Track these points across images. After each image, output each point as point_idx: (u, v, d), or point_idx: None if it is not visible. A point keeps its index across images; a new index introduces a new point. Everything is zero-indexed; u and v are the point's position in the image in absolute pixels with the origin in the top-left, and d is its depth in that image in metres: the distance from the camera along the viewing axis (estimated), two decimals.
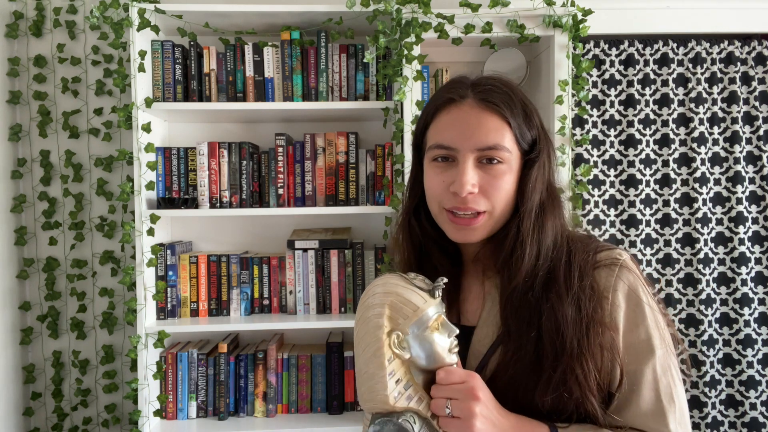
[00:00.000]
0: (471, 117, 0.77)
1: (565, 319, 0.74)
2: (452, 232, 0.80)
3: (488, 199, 0.77)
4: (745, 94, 1.95)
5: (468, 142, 0.77)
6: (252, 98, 1.90)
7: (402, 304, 0.68)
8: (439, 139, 0.79)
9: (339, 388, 1.91)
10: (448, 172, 0.78)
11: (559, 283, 0.76)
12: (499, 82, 0.81)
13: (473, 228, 0.78)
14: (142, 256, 1.79)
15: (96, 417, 2.08)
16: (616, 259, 0.78)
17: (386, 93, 1.91)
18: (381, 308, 0.68)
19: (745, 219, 1.92)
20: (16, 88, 2.04)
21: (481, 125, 0.77)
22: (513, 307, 0.77)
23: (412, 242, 0.87)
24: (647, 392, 0.75)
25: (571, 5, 1.79)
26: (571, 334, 0.73)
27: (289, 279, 1.93)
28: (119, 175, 2.08)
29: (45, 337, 2.07)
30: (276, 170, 1.91)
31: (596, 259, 0.79)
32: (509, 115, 0.77)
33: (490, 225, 0.79)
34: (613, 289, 0.77)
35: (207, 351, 1.92)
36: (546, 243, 0.79)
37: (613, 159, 1.95)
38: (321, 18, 1.86)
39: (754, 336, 1.92)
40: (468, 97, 0.79)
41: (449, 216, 0.79)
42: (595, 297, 0.76)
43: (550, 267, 0.78)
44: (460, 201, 0.77)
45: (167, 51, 1.87)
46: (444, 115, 0.80)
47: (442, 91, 0.83)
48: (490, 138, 0.76)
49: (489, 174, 0.77)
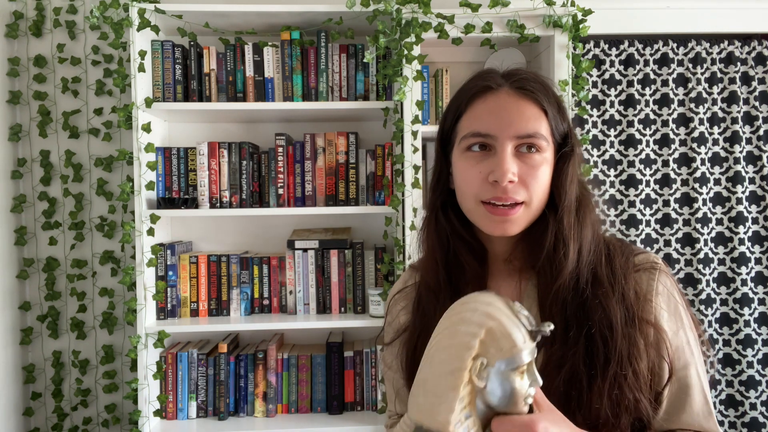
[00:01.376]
0: (510, 104, 0.75)
1: (616, 318, 0.73)
2: (489, 225, 0.77)
3: (527, 189, 0.75)
4: (745, 94, 1.95)
5: (507, 129, 0.74)
6: (252, 98, 1.90)
7: (501, 336, 0.61)
8: (476, 127, 0.76)
9: (339, 388, 1.91)
10: (486, 162, 0.75)
11: (603, 284, 0.75)
12: (532, 72, 0.80)
13: (511, 220, 0.75)
14: (142, 256, 1.79)
15: (96, 417, 2.08)
16: (655, 263, 0.79)
17: (386, 93, 1.91)
18: (477, 329, 0.62)
19: (745, 219, 1.92)
20: (16, 88, 2.04)
21: (521, 113, 0.75)
22: (558, 308, 0.75)
23: (440, 240, 0.84)
24: (697, 394, 0.76)
25: (571, 5, 1.79)
26: (623, 334, 0.72)
27: (289, 279, 1.93)
28: (119, 175, 2.08)
29: (45, 337, 2.07)
30: (276, 170, 1.91)
31: (635, 262, 0.79)
32: (546, 105, 0.76)
33: (527, 217, 0.77)
34: (656, 293, 0.77)
35: (207, 351, 1.92)
36: (587, 240, 0.77)
37: (613, 159, 1.95)
38: (321, 18, 1.86)
39: (754, 336, 1.92)
40: (504, 86, 0.77)
41: (487, 208, 0.76)
42: (639, 299, 0.76)
43: (592, 267, 0.77)
44: (500, 191, 0.74)
45: (167, 51, 1.87)
46: (480, 103, 0.77)
47: (475, 80, 0.80)
48: (530, 126, 0.74)
49: (527, 164, 0.75)
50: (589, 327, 0.73)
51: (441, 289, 0.82)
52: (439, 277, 0.83)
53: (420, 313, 0.84)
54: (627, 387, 0.71)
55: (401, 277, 0.95)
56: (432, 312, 0.81)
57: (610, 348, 0.72)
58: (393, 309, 0.92)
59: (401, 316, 0.89)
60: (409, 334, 0.85)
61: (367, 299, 1.92)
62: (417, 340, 0.82)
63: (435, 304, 0.82)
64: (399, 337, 0.87)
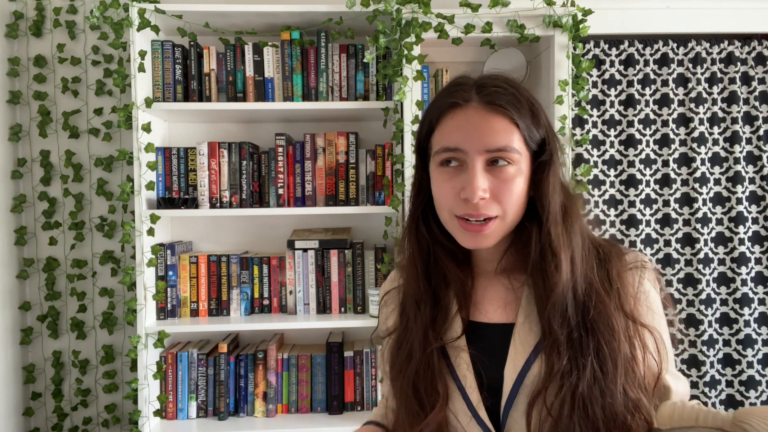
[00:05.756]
0: (477, 119, 0.75)
1: (619, 325, 0.74)
2: (464, 239, 0.78)
3: (500, 203, 0.75)
4: (745, 94, 1.95)
5: (477, 144, 0.74)
6: (252, 98, 1.90)
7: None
8: (446, 143, 0.77)
9: (339, 388, 1.91)
10: (458, 177, 0.76)
11: (599, 291, 0.76)
12: (504, 82, 0.78)
13: (484, 234, 0.76)
14: (142, 256, 1.79)
15: (96, 417, 2.08)
16: (643, 261, 0.81)
17: (386, 93, 1.91)
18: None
19: (745, 219, 1.92)
20: (16, 88, 2.04)
21: (489, 127, 0.74)
22: (558, 317, 0.75)
23: (420, 247, 0.85)
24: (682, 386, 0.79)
25: (571, 5, 1.79)
26: (624, 338, 0.74)
27: (289, 279, 1.93)
28: (119, 175, 2.08)
29: (45, 337, 2.07)
30: (276, 170, 1.90)
31: (626, 261, 0.80)
32: (517, 117, 0.75)
33: (502, 229, 0.77)
34: (644, 291, 0.79)
35: (207, 351, 1.92)
36: (578, 248, 0.78)
37: (613, 159, 1.95)
38: (321, 18, 1.86)
39: (754, 336, 1.92)
40: (473, 101, 0.76)
41: (461, 223, 0.77)
42: (631, 299, 0.77)
43: (587, 274, 0.77)
44: (471, 207, 0.74)
45: (167, 51, 1.87)
46: (449, 120, 0.77)
47: (445, 94, 0.80)
48: (499, 139, 0.74)
49: (499, 178, 0.75)
50: (596, 337, 0.74)
51: (422, 297, 0.84)
52: (420, 284, 0.84)
53: (403, 320, 0.86)
54: (630, 388, 0.73)
55: (390, 276, 0.96)
56: (414, 320, 0.83)
57: (616, 355, 0.73)
58: (384, 309, 0.95)
59: (390, 318, 0.92)
60: (396, 335, 0.87)
61: (367, 299, 1.92)
62: (398, 348, 0.85)
63: (416, 312, 0.83)
64: (389, 336, 0.89)
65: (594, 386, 0.72)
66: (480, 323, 0.82)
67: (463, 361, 0.79)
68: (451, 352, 0.80)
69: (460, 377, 0.79)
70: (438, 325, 0.82)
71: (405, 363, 0.82)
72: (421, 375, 0.80)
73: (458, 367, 0.79)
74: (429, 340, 0.81)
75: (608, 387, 0.72)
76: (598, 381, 0.72)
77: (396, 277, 0.94)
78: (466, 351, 0.79)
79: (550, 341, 0.75)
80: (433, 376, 0.79)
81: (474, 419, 0.77)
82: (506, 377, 0.76)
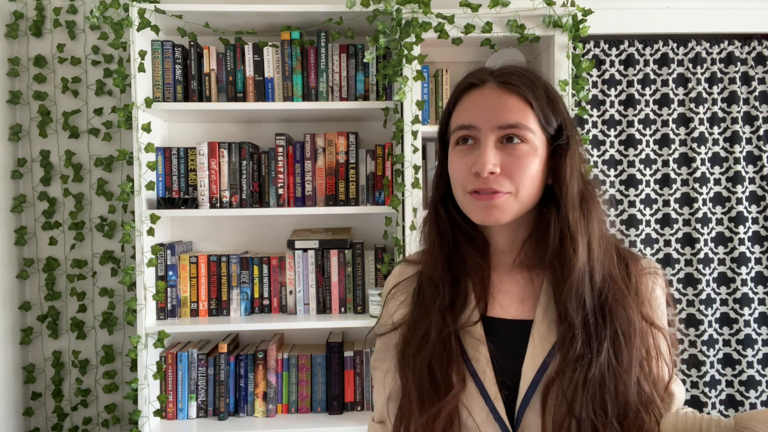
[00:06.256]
0: (492, 97, 0.77)
1: (637, 317, 0.75)
2: (476, 212, 0.77)
3: (511, 180, 0.75)
4: (745, 94, 1.95)
5: (489, 120, 0.76)
6: (252, 98, 1.90)
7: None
8: (461, 120, 0.79)
9: (339, 388, 1.91)
10: (471, 154, 0.77)
11: (618, 282, 0.77)
12: (522, 68, 0.81)
13: (495, 205, 0.76)
14: (142, 256, 1.79)
15: (96, 417, 2.08)
16: (656, 268, 0.83)
17: (386, 93, 1.91)
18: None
19: (745, 219, 1.92)
20: (16, 88, 2.04)
21: (503, 104, 0.76)
22: (575, 304, 0.75)
23: (440, 233, 0.85)
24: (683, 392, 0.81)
25: (571, 5, 1.79)
26: (641, 332, 0.75)
27: (289, 279, 1.93)
28: (119, 175, 2.08)
29: (45, 337, 2.07)
30: (276, 170, 1.91)
31: (642, 266, 0.82)
32: (531, 97, 0.77)
33: (516, 207, 0.77)
34: (656, 297, 0.81)
35: (207, 351, 1.92)
36: (595, 235, 0.78)
37: (613, 159, 1.95)
38: (321, 18, 1.86)
39: (754, 336, 1.92)
40: (489, 81, 0.79)
41: (473, 196, 0.77)
42: (646, 301, 0.79)
43: (606, 265, 0.78)
44: (481, 182, 0.75)
45: (167, 51, 1.87)
46: (465, 100, 0.80)
47: (463, 79, 0.83)
48: (513, 116, 0.75)
49: (511, 155, 0.75)
50: (613, 324, 0.74)
51: (441, 281, 0.83)
52: (439, 267, 0.83)
53: (419, 305, 0.85)
54: (644, 381, 0.74)
55: (395, 270, 0.94)
56: (431, 303, 0.82)
57: (631, 345, 0.74)
58: (391, 302, 0.91)
59: (400, 309, 0.89)
60: (407, 324, 0.85)
61: (367, 299, 1.92)
62: (413, 330, 0.83)
63: (435, 295, 0.82)
64: (397, 329, 0.86)
65: (608, 372, 0.72)
66: (496, 318, 0.81)
67: (482, 356, 0.78)
68: (469, 344, 0.79)
69: (478, 372, 0.77)
70: (457, 309, 0.81)
71: (421, 344, 0.80)
72: (437, 356, 0.78)
73: (477, 361, 0.78)
74: (447, 322, 0.79)
75: (622, 376, 0.72)
76: (612, 367, 0.73)
77: (402, 271, 0.92)
78: (485, 344, 0.78)
79: (565, 326, 0.75)
80: (450, 361, 0.78)
81: (491, 414, 0.76)
82: (524, 374, 0.75)
